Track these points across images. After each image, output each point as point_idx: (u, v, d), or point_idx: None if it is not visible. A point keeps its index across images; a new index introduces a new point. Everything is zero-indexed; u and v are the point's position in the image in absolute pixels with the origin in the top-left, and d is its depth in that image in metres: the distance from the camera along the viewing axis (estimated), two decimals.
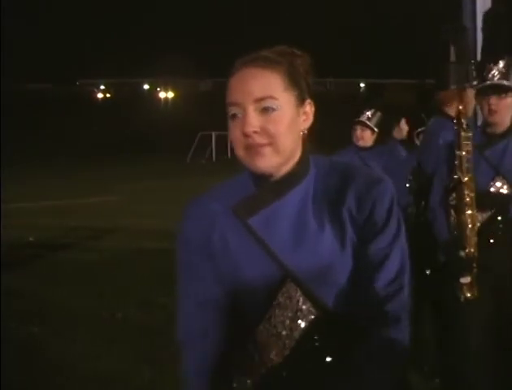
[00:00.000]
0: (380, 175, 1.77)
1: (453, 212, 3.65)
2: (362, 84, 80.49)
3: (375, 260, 1.71)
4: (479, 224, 3.64)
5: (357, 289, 1.71)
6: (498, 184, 3.71)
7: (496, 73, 3.75)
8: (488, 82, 3.76)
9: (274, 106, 1.67)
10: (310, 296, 1.71)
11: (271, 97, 1.67)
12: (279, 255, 1.70)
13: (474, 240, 3.58)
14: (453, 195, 3.64)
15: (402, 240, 1.75)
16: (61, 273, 8.63)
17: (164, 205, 13.96)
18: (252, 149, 1.67)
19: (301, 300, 1.71)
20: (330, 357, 1.73)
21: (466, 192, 3.58)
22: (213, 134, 41.41)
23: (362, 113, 5.92)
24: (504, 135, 3.76)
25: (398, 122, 6.25)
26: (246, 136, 1.66)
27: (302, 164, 1.75)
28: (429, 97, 6.21)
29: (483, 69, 3.91)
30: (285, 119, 1.69)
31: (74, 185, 22.48)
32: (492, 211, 3.70)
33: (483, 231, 3.65)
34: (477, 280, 3.58)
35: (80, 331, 6.00)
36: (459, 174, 3.58)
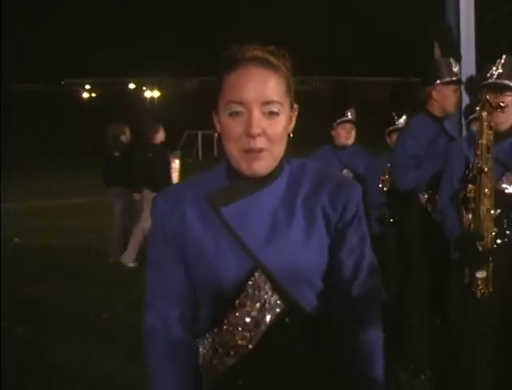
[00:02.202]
0: (350, 179, 1.90)
1: (464, 212, 3.62)
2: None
3: (351, 257, 1.77)
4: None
5: (332, 285, 1.77)
6: (506, 180, 3.70)
7: (495, 72, 3.75)
8: (489, 81, 3.77)
9: (278, 111, 1.71)
10: (278, 290, 1.74)
11: (278, 102, 1.71)
12: (250, 247, 1.73)
13: (491, 232, 3.57)
14: (470, 186, 3.60)
15: (368, 239, 1.83)
16: (48, 273, 8.61)
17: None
18: (250, 154, 1.69)
19: (269, 292, 1.74)
20: (295, 351, 1.75)
21: (487, 182, 3.56)
22: (199, 133, 41.41)
23: (345, 112, 5.88)
24: (509, 132, 3.77)
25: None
26: (250, 137, 1.68)
27: (279, 165, 1.78)
28: (403, 95, 6.24)
29: (483, 68, 3.92)
30: (283, 124, 1.73)
31: (61, 185, 22.40)
32: (502, 209, 3.66)
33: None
34: (492, 275, 3.56)
35: (68, 332, 5.98)
36: (480, 163, 3.56)
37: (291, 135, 1.79)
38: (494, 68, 3.78)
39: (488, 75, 3.80)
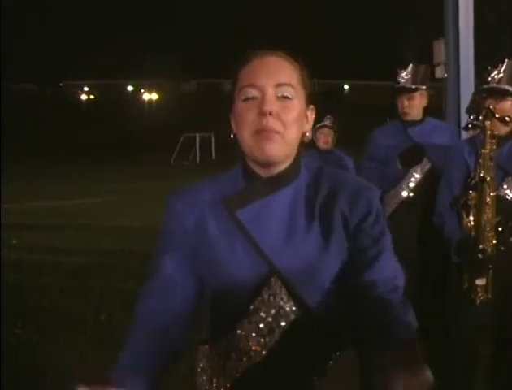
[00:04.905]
0: (368, 183, 1.82)
1: (465, 215, 3.60)
2: (345, 86, 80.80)
3: (371, 261, 1.71)
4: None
5: (350, 290, 1.70)
6: (507, 185, 3.69)
7: (497, 76, 3.72)
8: (489, 85, 3.74)
9: (290, 95, 1.73)
10: (293, 296, 1.70)
11: (291, 86, 1.73)
12: (266, 251, 1.70)
13: (492, 240, 3.55)
14: (471, 194, 3.58)
15: (390, 243, 1.77)
16: (46, 275, 8.59)
17: (149, 206, 13.93)
18: (263, 133, 1.69)
19: (284, 298, 1.71)
20: (308, 359, 1.72)
21: (489, 191, 3.54)
22: (197, 135, 41.42)
23: (324, 117, 6.03)
24: (508, 136, 3.73)
25: None
26: (263, 115, 1.68)
27: (295, 165, 1.78)
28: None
29: (483, 72, 3.89)
30: (296, 110, 1.73)
31: (59, 187, 22.39)
32: (502, 216, 3.62)
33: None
34: (492, 282, 3.55)
35: (65, 332, 5.97)
36: (483, 172, 3.55)
37: (307, 134, 1.81)
38: (495, 72, 3.75)
39: (489, 79, 3.76)
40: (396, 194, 4.60)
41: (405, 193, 4.59)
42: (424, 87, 4.66)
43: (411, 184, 4.58)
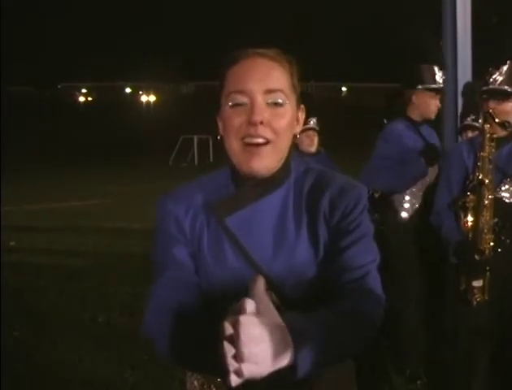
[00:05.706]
0: (355, 182, 1.76)
1: (462, 215, 3.60)
2: (343, 88, 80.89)
3: (343, 258, 1.66)
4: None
5: (325, 286, 1.66)
6: (505, 187, 3.68)
7: (498, 78, 3.72)
8: (490, 86, 3.73)
9: (281, 102, 1.65)
10: (283, 301, 1.66)
11: (282, 92, 1.65)
12: (255, 257, 1.67)
13: (489, 243, 3.56)
14: (470, 197, 3.58)
15: (371, 243, 1.72)
16: (44, 277, 8.59)
17: (148, 208, 13.92)
18: (251, 147, 1.63)
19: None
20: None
21: (487, 194, 3.55)
22: (195, 138, 41.42)
23: (308, 120, 5.92)
24: (507, 138, 3.71)
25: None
26: (253, 125, 1.61)
27: (285, 167, 1.73)
28: (398, 100, 6.22)
29: (485, 72, 3.88)
30: (288, 117, 1.67)
31: (58, 188, 22.40)
32: (500, 218, 3.61)
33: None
34: (489, 284, 3.55)
35: (63, 335, 5.97)
36: (481, 175, 3.55)
37: (298, 136, 1.74)
38: (497, 74, 3.74)
39: (491, 80, 3.75)
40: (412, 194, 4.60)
41: (419, 195, 4.59)
42: None
43: (426, 185, 4.58)
